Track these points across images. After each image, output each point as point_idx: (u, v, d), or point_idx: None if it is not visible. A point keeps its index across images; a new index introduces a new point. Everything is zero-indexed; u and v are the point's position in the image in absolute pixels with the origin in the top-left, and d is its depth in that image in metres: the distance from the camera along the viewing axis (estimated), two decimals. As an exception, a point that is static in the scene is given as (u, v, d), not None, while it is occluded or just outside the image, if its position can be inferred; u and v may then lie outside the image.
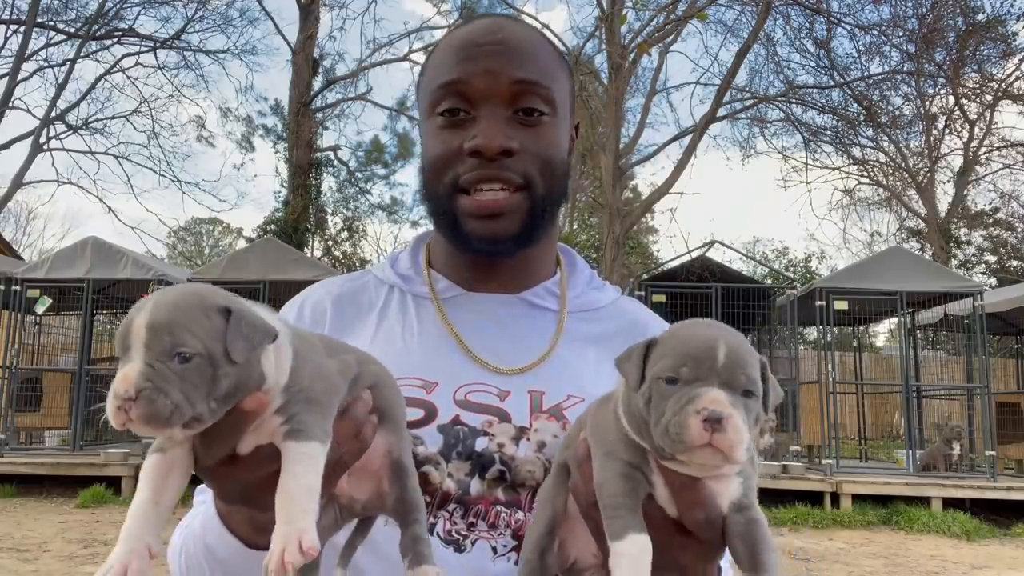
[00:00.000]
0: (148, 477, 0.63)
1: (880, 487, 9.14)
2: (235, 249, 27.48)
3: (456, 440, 0.90)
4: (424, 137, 0.99)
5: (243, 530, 0.75)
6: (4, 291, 10.26)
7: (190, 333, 0.57)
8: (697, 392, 0.60)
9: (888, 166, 23.76)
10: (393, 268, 1.08)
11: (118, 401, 0.56)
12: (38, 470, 9.47)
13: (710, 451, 0.59)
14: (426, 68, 1.01)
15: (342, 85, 21.59)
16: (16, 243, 27.40)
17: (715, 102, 15.03)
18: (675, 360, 0.62)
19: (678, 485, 0.64)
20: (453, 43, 0.97)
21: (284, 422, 0.62)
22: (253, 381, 0.61)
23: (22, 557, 6.43)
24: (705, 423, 0.58)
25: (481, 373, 0.95)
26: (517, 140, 0.92)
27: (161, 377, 0.56)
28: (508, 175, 0.92)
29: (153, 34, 21.22)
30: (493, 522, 0.89)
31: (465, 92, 0.93)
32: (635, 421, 0.64)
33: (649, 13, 15.80)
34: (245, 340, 0.59)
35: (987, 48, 19.57)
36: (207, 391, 0.58)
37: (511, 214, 0.93)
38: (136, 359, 0.57)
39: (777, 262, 28.72)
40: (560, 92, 0.97)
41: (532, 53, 0.95)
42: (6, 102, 18.97)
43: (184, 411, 0.57)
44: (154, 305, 0.59)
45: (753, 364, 0.62)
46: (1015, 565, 7.09)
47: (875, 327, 19.59)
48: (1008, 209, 25.10)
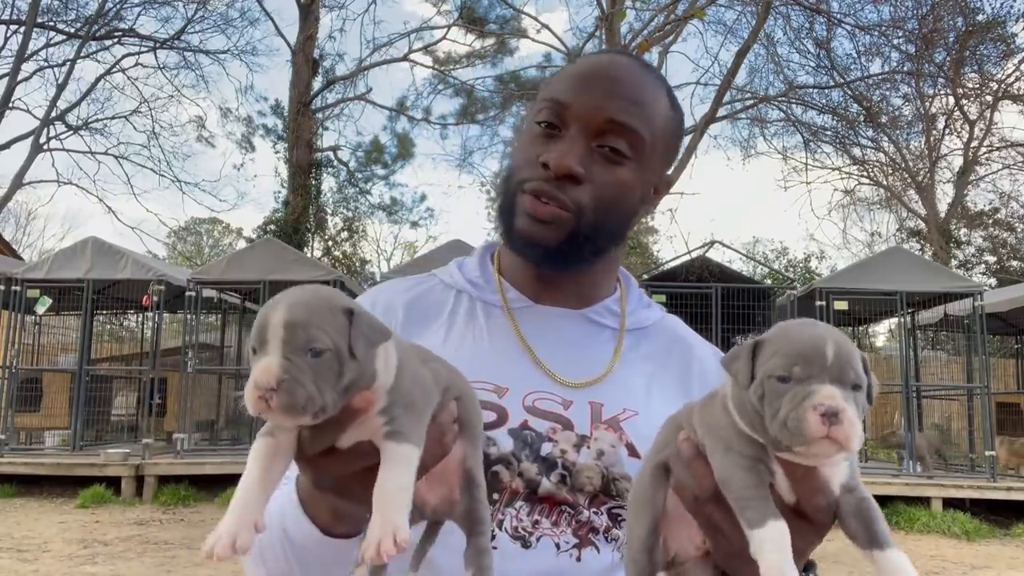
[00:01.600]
0: (257, 457, 0.68)
1: (880, 487, 9.13)
2: (235, 249, 27.50)
3: (525, 443, 0.96)
4: (519, 138, 1.07)
5: (323, 518, 0.80)
6: (4, 291, 10.26)
7: (322, 331, 0.63)
8: (812, 388, 0.64)
9: (888, 166, 23.78)
10: (461, 272, 1.14)
11: (260, 391, 0.61)
12: (38, 470, 9.47)
13: (828, 443, 0.63)
14: (547, 81, 1.08)
15: (342, 85, 21.61)
16: (16, 243, 27.41)
17: (715, 102, 15.03)
18: (786, 359, 0.65)
19: (798, 475, 0.68)
20: (575, 67, 1.04)
21: (386, 423, 0.67)
22: (367, 378, 0.66)
23: (22, 557, 6.43)
24: (823, 417, 0.62)
25: (547, 382, 1.01)
26: (588, 170, 0.98)
27: (298, 370, 0.61)
28: (562, 197, 0.97)
29: (153, 34, 21.26)
30: (556, 520, 0.94)
31: (563, 113, 0.99)
32: (748, 417, 0.68)
33: (649, 13, 15.81)
34: (366, 338, 0.65)
35: (987, 48, 19.58)
36: (333, 384, 0.63)
37: (552, 226, 0.99)
38: (274, 353, 0.62)
39: (777, 262, 28.72)
40: (653, 146, 1.02)
41: (638, 98, 1.00)
42: (6, 102, 18.97)
43: (316, 401, 0.62)
44: (289, 304, 0.64)
45: (857, 359, 0.66)
46: (1015, 565, 7.09)
47: (875, 327, 19.60)
48: (1008, 209, 25.12)
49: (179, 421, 10.18)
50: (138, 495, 9.29)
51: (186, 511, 8.80)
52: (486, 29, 21.44)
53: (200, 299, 10.34)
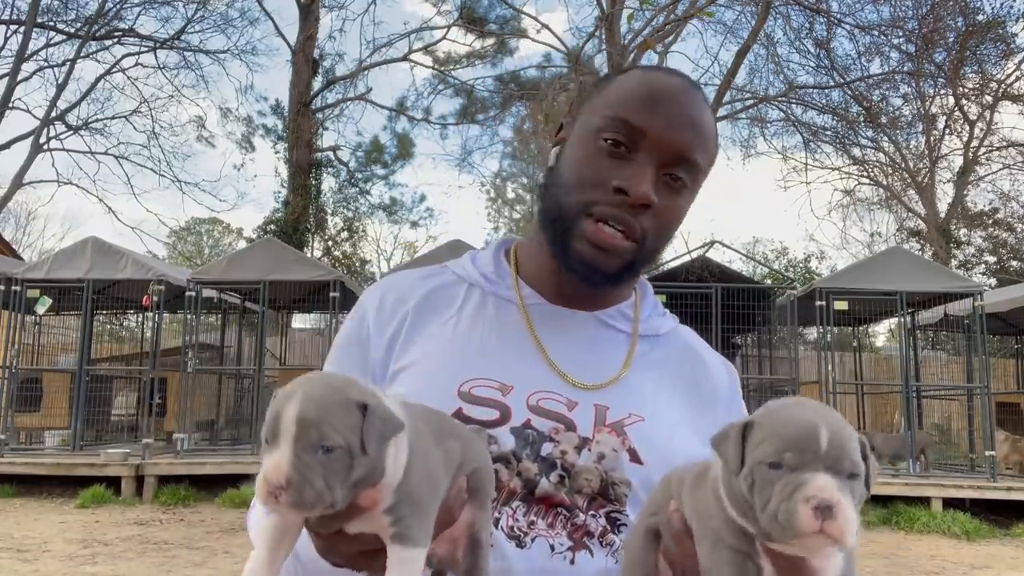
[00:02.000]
0: (265, 537, 0.69)
1: (880, 487, 9.13)
2: (235, 249, 27.49)
3: (526, 443, 0.96)
4: (576, 148, 1.02)
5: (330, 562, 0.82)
6: (4, 291, 10.26)
7: (334, 428, 0.63)
8: (804, 479, 0.60)
9: (888, 166, 23.77)
10: (475, 266, 1.12)
11: (270, 487, 0.62)
12: (38, 470, 9.47)
13: (821, 537, 0.59)
14: (608, 88, 1.04)
15: (342, 85, 21.61)
16: (16, 243, 27.40)
17: (715, 102, 15.03)
18: (777, 445, 0.62)
19: (786, 569, 0.65)
20: (644, 85, 1.00)
21: (392, 523, 0.68)
22: (376, 474, 0.67)
23: (22, 557, 6.43)
24: (815, 511, 0.58)
25: (554, 382, 1.00)
26: (657, 197, 0.97)
27: (307, 467, 0.62)
28: (634, 223, 0.97)
29: (153, 34, 21.26)
30: (551, 522, 0.94)
31: (636, 136, 0.97)
32: (738, 504, 0.65)
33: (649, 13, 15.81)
34: (379, 433, 0.66)
35: (987, 48, 19.58)
36: (343, 480, 0.64)
37: (617, 256, 0.99)
38: (285, 449, 0.63)
39: (777, 262, 28.72)
40: (704, 175, 1.04)
41: (703, 130, 1.00)
42: (6, 102, 18.97)
43: (325, 499, 0.63)
44: (303, 399, 0.64)
45: (854, 445, 0.62)
46: (1015, 565, 7.09)
47: (875, 327, 19.60)
48: (1008, 209, 25.11)
49: (179, 421, 10.18)
50: (138, 495, 9.29)
51: (186, 511, 8.79)
52: (486, 29, 21.44)
53: (200, 299, 10.34)
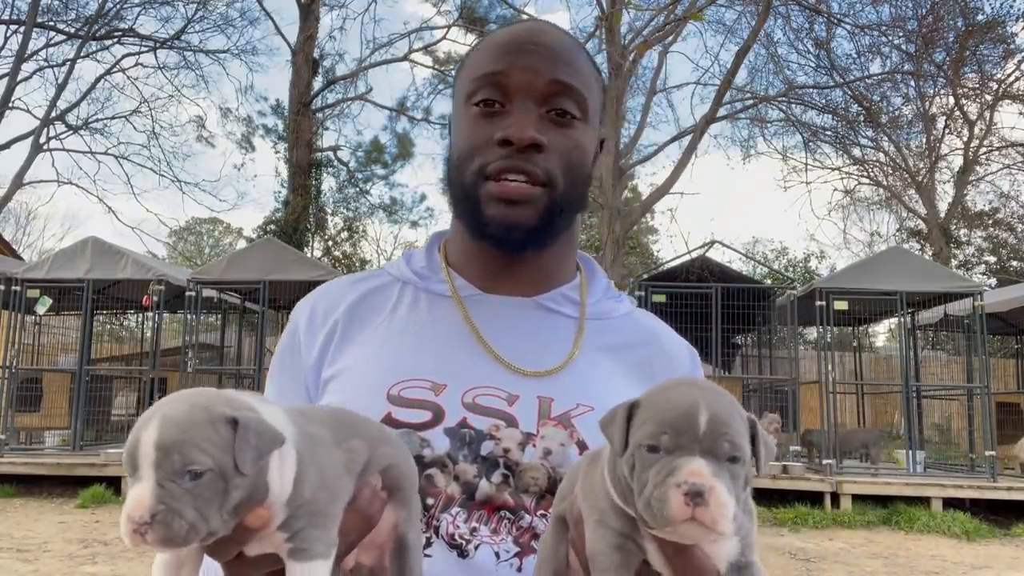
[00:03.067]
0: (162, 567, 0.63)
1: (880, 487, 9.15)
2: (235, 249, 27.47)
3: (463, 443, 0.90)
4: (456, 125, 1.00)
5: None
6: (4, 291, 10.26)
7: (199, 450, 0.57)
8: (677, 464, 0.57)
9: (888, 166, 23.78)
10: (408, 265, 1.08)
11: (133, 525, 0.55)
12: (38, 470, 9.47)
13: (694, 525, 0.56)
14: (465, 62, 1.02)
15: (342, 85, 21.61)
16: (16, 243, 27.41)
17: (715, 102, 15.03)
18: (655, 427, 0.59)
19: (671, 554, 0.62)
20: (496, 40, 0.99)
21: (288, 539, 0.62)
22: (259, 493, 0.60)
23: (22, 557, 6.43)
24: (687, 497, 0.56)
25: (493, 374, 0.94)
26: (546, 137, 0.94)
27: (173, 497, 0.55)
28: (533, 168, 0.93)
29: (153, 34, 21.26)
30: (495, 528, 0.88)
31: (503, 84, 0.95)
32: (620, 488, 0.62)
33: (649, 13, 15.81)
34: (254, 450, 0.59)
35: (987, 48, 19.58)
36: (219, 505, 0.57)
37: (530, 204, 0.94)
38: (146, 479, 0.56)
39: (777, 262, 28.72)
40: (593, 101, 0.99)
41: (571, 59, 0.97)
42: (6, 102, 18.97)
43: (199, 529, 0.56)
44: (161, 422, 0.57)
45: (738, 427, 0.59)
46: (1015, 565, 7.09)
47: (875, 327, 19.60)
48: (1008, 209, 25.11)
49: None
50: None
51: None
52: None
53: (200, 299, 10.33)
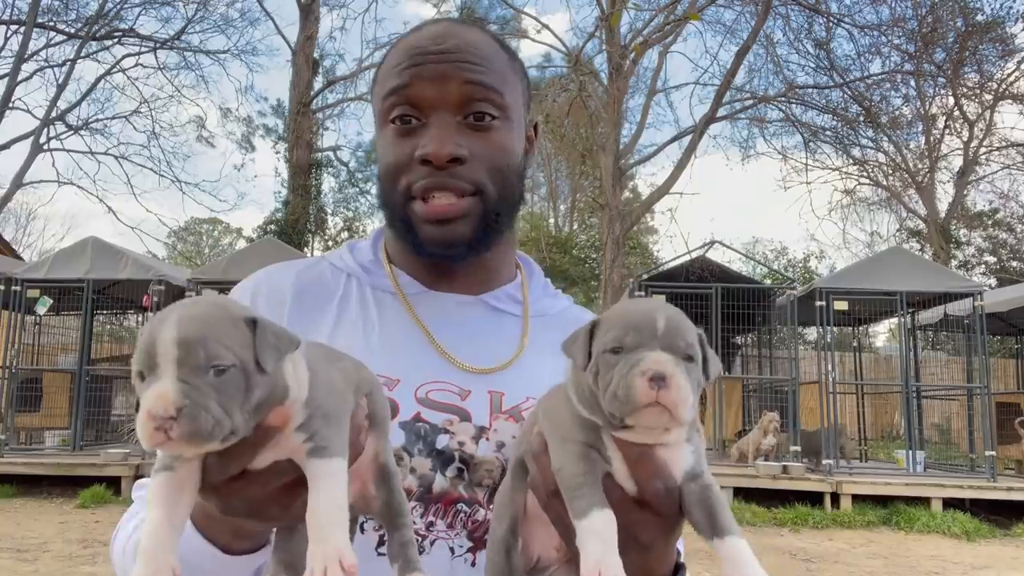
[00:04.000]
0: (159, 496, 0.61)
1: (880, 487, 9.14)
2: (235, 249, 27.47)
3: (418, 436, 0.90)
4: (379, 145, 0.99)
5: (224, 538, 0.74)
6: (4, 291, 10.26)
7: (223, 346, 0.56)
8: (641, 356, 0.63)
9: (888, 166, 23.77)
10: (353, 256, 1.06)
11: (156, 422, 0.53)
12: (38, 470, 9.47)
13: (657, 410, 0.61)
14: (377, 76, 1.00)
15: (342, 85, 21.61)
16: (16, 243, 27.40)
17: (715, 102, 15.04)
18: (619, 331, 0.65)
19: (634, 457, 0.66)
20: (402, 49, 0.96)
21: (307, 439, 0.62)
22: (278, 393, 0.60)
23: (22, 557, 6.43)
24: (651, 381, 0.61)
25: (444, 370, 0.95)
26: (467, 147, 0.92)
27: (199, 392, 0.54)
28: (458, 183, 0.92)
29: (153, 34, 21.25)
30: (451, 522, 0.89)
31: (414, 99, 0.93)
32: (585, 398, 0.67)
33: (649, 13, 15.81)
34: (274, 349, 0.59)
35: (986, 48, 19.57)
36: (241, 403, 0.57)
37: (463, 219, 0.93)
38: (167, 376, 0.55)
39: (777, 262, 28.72)
40: (512, 96, 0.97)
41: (481, 58, 0.94)
42: (6, 102, 18.97)
43: (224, 425, 0.55)
44: (181, 319, 0.56)
45: (691, 333, 0.66)
46: (1015, 565, 7.09)
47: (875, 327, 19.60)
48: (1008, 209, 25.12)
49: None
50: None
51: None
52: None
53: (200, 299, 10.32)
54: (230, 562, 0.75)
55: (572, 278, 26.47)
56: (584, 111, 17.37)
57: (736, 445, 10.11)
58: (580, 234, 31.31)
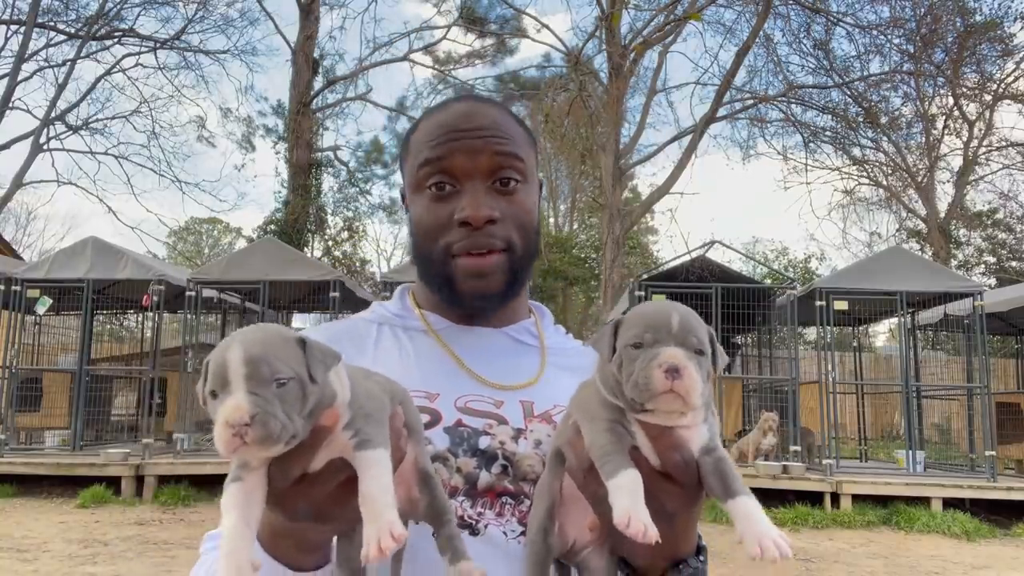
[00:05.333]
0: (233, 504, 0.71)
1: (880, 487, 9.14)
2: (235, 249, 27.46)
3: (461, 439, 0.99)
4: (414, 208, 1.11)
5: (291, 555, 0.81)
6: (4, 291, 10.26)
7: (282, 362, 0.67)
8: (658, 351, 0.73)
9: (888, 166, 23.77)
10: (382, 309, 1.19)
11: (233, 429, 0.64)
12: (38, 470, 9.47)
13: (671, 396, 0.72)
14: (411, 144, 1.13)
15: (342, 85, 21.61)
16: (16, 243, 27.40)
17: (715, 102, 15.04)
18: (639, 329, 0.76)
19: (654, 433, 0.76)
20: (435, 125, 1.09)
21: (353, 435, 0.72)
22: (328, 399, 0.71)
23: (22, 557, 6.43)
24: (667, 373, 0.72)
25: (477, 387, 1.06)
26: (498, 209, 1.05)
27: (266, 402, 0.65)
28: (492, 241, 1.04)
29: (153, 34, 21.26)
30: (499, 511, 0.97)
31: (449, 169, 1.05)
32: (609, 385, 0.78)
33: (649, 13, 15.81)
34: (322, 363, 0.70)
35: (986, 48, 19.56)
36: (299, 409, 0.67)
37: (496, 273, 1.06)
38: (239, 390, 0.65)
39: (777, 262, 28.71)
40: (529, 162, 1.11)
41: (505, 131, 1.08)
42: (6, 102, 18.96)
43: (288, 428, 0.65)
44: (245, 342, 0.67)
45: (701, 330, 0.76)
46: (1015, 565, 7.10)
47: (875, 327, 19.60)
48: (1007, 209, 25.11)
49: (179, 421, 10.18)
50: (138, 495, 9.29)
51: (186, 511, 8.79)
52: (486, 29, 21.44)
53: (200, 299, 10.34)
54: None
55: (572, 278, 26.45)
56: (584, 111, 17.36)
57: (736, 445, 10.11)
58: (580, 234, 31.32)
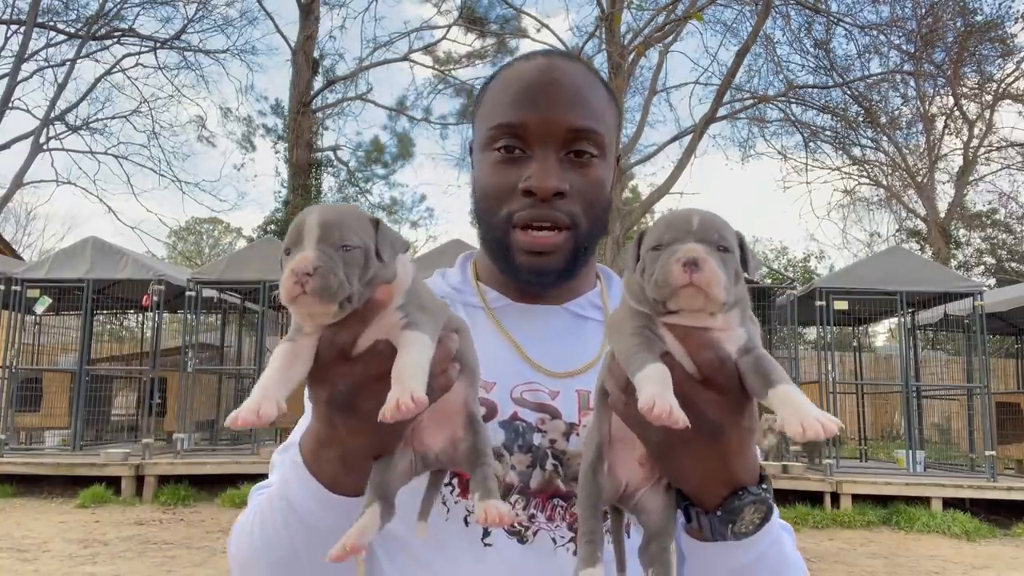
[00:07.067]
0: (279, 356, 0.73)
1: (880, 487, 9.15)
2: (235, 249, 27.47)
3: (516, 434, 0.97)
4: (479, 166, 1.05)
5: (329, 472, 0.80)
6: (4, 291, 10.26)
7: (353, 231, 0.70)
8: (677, 247, 0.70)
9: (887, 166, 23.77)
10: (445, 281, 1.15)
11: (296, 276, 0.67)
12: (38, 470, 9.47)
13: (693, 290, 0.68)
14: (483, 100, 1.07)
15: (342, 85, 21.60)
16: (16, 243, 27.40)
17: (715, 102, 15.03)
18: (660, 232, 0.73)
19: (682, 334, 0.72)
20: (512, 82, 1.03)
21: (403, 317, 0.73)
22: (388, 276, 0.73)
23: (22, 557, 6.43)
24: (685, 267, 0.68)
25: (533, 375, 1.02)
26: (567, 182, 0.98)
27: (331, 260, 0.68)
28: (558, 216, 0.99)
29: (153, 34, 21.26)
30: (550, 515, 0.95)
31: (522, 134, 0.99)
32: (635, 292, 0.75)
33: (649, 13, 15.81)
34: (390, 246, 0.74)
35: (986, 48, 19.57)
36: (360, 275, 0.70)
37: (558, 252, 1.00)
38: (309, 247, 0.68)
39: (776, 262, 28.72)
40: (608, 133, 1.04)
41: (587, 99, 1.01)
42: (6, 102, 18.96)
43: (345, 288, 0.68)
44: (323, 210, 0.71)
45: (726, 229, 0.73)
46: (1015, 565, 7.10)
47: (875, 327, 19.60)
48: (1007, 209, 25.11)
49: (179, 421, 10.18)
50: (138, 495, 9.29)
51: (186, 511, 8.79)
52: (486, 29, 21.43)
53: (200, 299, 10.34)
54: (336, 505, 0.81)
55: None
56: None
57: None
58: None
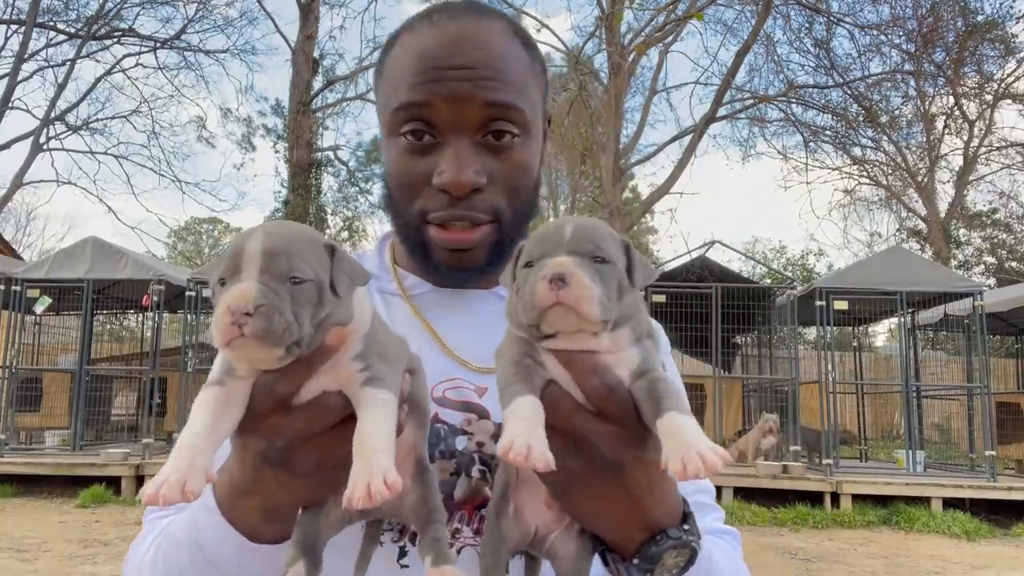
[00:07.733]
0: (206, 407, 0.61)
1: (880, 487, 9.14)
2: (235, 249, 27.32)
3: (437, 439, 0.87)
4: (387, 153, 0.93)
5: (248, 521, 0.72)
6: (4, 291, 10.26)
7: (303, 260, 0.59)
8: (545, 263, 0.63)
9: (888, 166, 23.77)
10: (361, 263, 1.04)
11: (233, 316, 0.55)
12: (38, 470, 9.47)
13: (562, 309, 0.61)
14: (385, 71, 0.92)
15: (342, 85, 21.61)
16: (16, 243, 27.40)
17: (715, 102, 15.03)
18: (531, 246, 0.66)
19: (566, 358, 0.65)
20: (414, 50, 0.88)
21: (363, 369, 0.63)
22: (343, 317, 0.62)
23: (22, 557, 6.43)
24: (551, 283, 0.61)
25: (457, 370, 0.92)
26: (485, 172, 0.87)
27: (276, 296, 0.57)
28: (476, 214, 0.88)
29: (153, 34, 21.27)
30: (477, 527, 0.86)
31: (430, 117, 0.86)
32: (513, 317, 0.68)
33: (649, 13, 15.81)
34: (347, 277, 0.62)
35: (986, 48, 19.57)
36: (311, 315, 0.59)
37: (479, 248, 0.91)
38: (250, 279, 0.57)
39: (776, 262, 28.71)
40: (533, 106, 0.91)
41: (503, 69, 0.87)
42: (6, 102, 18.96)
43: (293, 331, 0.57)
44: (267, 233, 0.60)
45: (605, 238, 0.65)
46: (1015, 565, 7.09)
47: (875, 327, 19.59)
48: (1007, 209, 25.11)
49: (179, 421, 10.18)
50: (138, 495, 9.29)
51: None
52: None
53: (200, 299, 10.34)
54: (253, 552, 0.72)
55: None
56: (584, 111, 17.36)
57: (736, 444, 10.12)
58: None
